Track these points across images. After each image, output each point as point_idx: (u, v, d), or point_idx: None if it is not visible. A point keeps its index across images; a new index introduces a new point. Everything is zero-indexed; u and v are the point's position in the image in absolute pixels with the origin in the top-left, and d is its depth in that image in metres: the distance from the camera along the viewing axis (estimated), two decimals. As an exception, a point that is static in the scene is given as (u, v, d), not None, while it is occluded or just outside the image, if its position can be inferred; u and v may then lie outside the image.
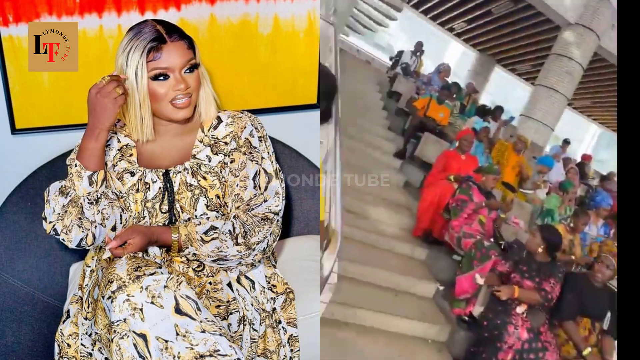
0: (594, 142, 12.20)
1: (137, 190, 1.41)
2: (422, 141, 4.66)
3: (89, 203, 1.32)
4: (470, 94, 6.57)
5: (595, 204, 4.49)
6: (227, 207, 1.43)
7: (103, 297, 1.19)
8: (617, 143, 0.75)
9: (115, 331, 1.15)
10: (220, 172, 1.43)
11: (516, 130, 6.25)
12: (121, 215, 1.39)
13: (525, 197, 4.34)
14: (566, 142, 6.77)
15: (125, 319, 1.15)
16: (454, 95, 5.70)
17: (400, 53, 6.87)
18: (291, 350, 1.46)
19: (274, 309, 1.48)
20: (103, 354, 1.28)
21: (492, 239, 3.05)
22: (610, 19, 6.67)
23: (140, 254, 1.33)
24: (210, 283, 1.42)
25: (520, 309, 2.40)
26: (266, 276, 1.51)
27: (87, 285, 1.41)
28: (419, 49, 6.95)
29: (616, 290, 2.61)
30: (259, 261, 1.47)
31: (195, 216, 1.41)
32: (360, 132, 4.64)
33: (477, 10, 7.65)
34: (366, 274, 2.77)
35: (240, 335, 1.40)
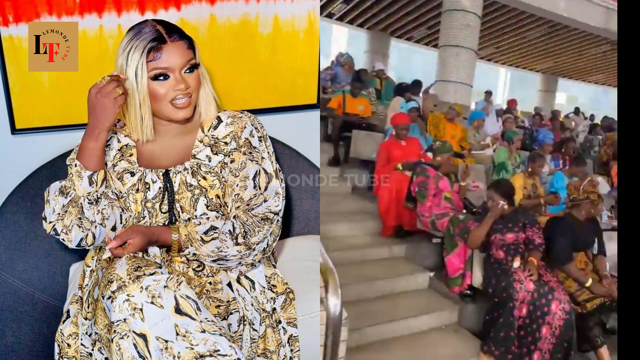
0: (507, 85, 12.51)
1: (137, 190, 1.41)
2: (352, 140, 4.33)
3: (89, 203, 1.32)
4: (380, 76, 6.28)
5: (538, 143, 4.60)
6: (227, 207, 1.43)
7: (103, 297, 1.19)
8: (618, 142, 0.75)
9: (115, 331, 1.15)
10: (220, 172, 1.43)
11: (437, 98, 6.04)
12: (121, 215, 1.39)
13: (474, 160, 4.28)
14: (488, 93, 6.80)
15: (125, 319, 1.15)
16: (366, 83, 5.39)
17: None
18: (291, 350, 1.46)
19: (274, 309, 1.48)
20: (103, 354, 1.28)
21: (464, 210, 3.08)
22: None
23: (140, 254, 1.33)
24: (210, 283, 1.42)
25: (516, 264, 2.46)
26: (266, 276, 1.51)
27: (87, 285, 1.41)
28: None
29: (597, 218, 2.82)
30: (259, 261, 1.47)
31: (195, 216, 1.41)
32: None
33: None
34: (361, 292, 2.70)
35: (240, 335, 1.40)
